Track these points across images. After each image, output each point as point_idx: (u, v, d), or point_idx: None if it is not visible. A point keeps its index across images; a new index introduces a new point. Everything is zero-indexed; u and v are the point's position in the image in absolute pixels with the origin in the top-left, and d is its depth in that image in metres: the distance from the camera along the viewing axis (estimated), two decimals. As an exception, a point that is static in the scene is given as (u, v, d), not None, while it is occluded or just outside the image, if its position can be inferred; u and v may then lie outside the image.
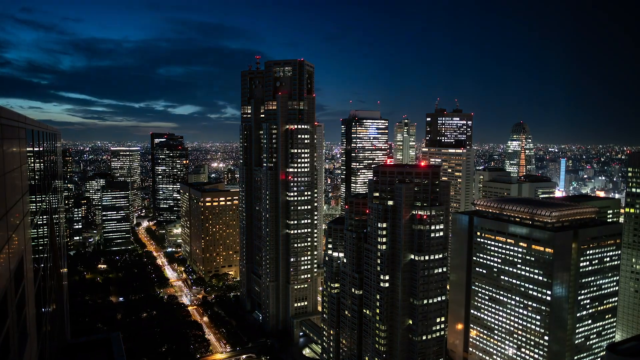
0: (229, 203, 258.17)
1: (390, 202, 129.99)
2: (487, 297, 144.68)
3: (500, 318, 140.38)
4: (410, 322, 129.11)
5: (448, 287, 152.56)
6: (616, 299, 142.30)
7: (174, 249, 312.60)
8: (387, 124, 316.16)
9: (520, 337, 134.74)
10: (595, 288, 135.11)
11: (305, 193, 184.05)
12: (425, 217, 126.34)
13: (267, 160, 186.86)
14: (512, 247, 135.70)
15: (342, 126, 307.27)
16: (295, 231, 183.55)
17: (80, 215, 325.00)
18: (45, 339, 28.24)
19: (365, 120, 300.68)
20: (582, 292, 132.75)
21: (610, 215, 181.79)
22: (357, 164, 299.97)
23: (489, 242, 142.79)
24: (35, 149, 29.87)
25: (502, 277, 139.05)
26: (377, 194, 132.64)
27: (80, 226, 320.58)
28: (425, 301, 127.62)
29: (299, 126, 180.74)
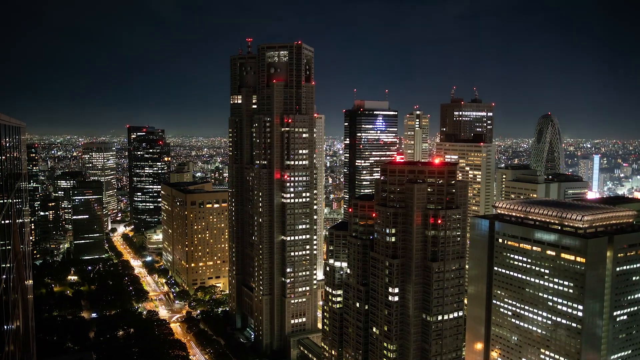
0: (216, 206, 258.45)
1: (400, 205, 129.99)
2: (510, 313, 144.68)
3: (525, 336, 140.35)
4: (423, 341, 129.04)
5: (466, 301, 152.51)
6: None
7: (154, 258, 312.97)
8: (396, 116, 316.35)
9: (548, 358, 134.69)
10: (633, 302, 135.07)
11: (304, 194, 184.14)
12: (439, 221, 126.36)
13: (260, 158, 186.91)
14: (538, 256, 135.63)
15: (346, 118, 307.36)
16: (292, 238, 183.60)
17: (47, 219, 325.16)
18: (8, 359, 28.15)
19: (371, 112, 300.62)
20: (619, 306, 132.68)
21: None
22: (363, 161, 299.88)
23: (512, 250, 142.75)
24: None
25: (527, 290, 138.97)
26: (385, 195, 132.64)
27: (47, 232, 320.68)
28: (440, 317, 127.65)
29: (297, 118, 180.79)
